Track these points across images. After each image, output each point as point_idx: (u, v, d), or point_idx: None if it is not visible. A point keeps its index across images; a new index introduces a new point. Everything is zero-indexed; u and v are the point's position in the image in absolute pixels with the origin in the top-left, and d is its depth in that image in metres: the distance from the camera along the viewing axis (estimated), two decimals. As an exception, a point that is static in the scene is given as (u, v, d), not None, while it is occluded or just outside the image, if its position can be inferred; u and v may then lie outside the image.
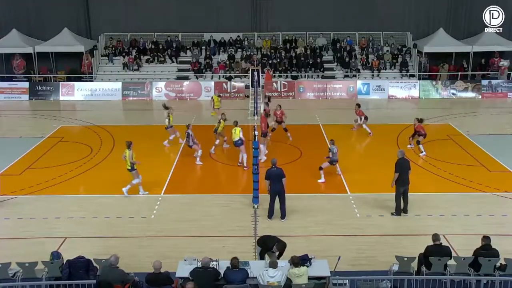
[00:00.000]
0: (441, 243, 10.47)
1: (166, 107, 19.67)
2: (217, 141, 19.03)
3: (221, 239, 12.70)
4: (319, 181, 16.16)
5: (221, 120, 18.76)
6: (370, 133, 20.95)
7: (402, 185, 13.63)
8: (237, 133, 17.22)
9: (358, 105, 21.42)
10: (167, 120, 19.43)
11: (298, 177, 16.69)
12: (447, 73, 29.63)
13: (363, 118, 21.02)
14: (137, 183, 15.31)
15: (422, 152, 18.53)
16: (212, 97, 24.41)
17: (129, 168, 15.10)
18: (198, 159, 17.87)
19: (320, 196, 15.23)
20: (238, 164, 17.66)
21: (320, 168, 16.18)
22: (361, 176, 16.57)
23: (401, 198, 13.80)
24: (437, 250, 10.30)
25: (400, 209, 13.84)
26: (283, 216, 13.62)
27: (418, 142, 18.64)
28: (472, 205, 14.50)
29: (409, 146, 19.14)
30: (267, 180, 13.40)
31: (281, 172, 13.37)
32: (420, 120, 18.78)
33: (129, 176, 15.27)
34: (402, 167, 13.58)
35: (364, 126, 21.09)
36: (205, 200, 15.02)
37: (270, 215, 13.65)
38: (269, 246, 10.69)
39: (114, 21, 31.03)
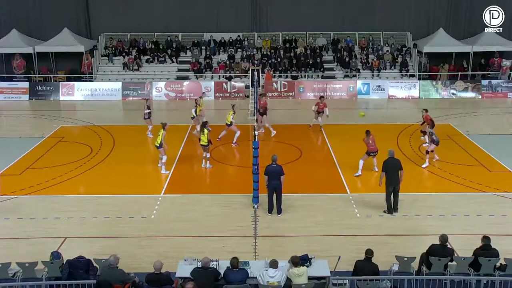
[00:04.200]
0: (446, 245, 10.47)
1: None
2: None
3: (221, 239, 12.70)
4: (423, 166, 17.27)
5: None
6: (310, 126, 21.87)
7: (390, 185, 13.71)
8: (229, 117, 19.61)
9: (322, 97, 21.93)
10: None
11: (298, 177, 16.70)
12: (447, 73, 29.65)
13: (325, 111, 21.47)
14: (165, 160, 16.92)
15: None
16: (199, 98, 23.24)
17: (157, 145, 16.67)
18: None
19: (320, 196, 15.21)
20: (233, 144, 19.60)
21: (427, 152, 17.38)
22: (361, 176, 16.55)
23: (391, 197, 13.87)
24: (440, 250, 10.32)
25: (391, 208, 13.92)
26: (279, 211, 13.82)
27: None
28: (472, 205, 14.50)
29: (423, 139, 19.78)
30: (266, 176, 13.61)
31: (280, 169, 13.58)
32: (426, 110, 19.52)
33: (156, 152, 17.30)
34: (388, 166, 13.69)
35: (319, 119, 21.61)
36: (205, 200, 15.02)
37: (270, 209, 13.87)
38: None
39: (114, 21, 31.01)
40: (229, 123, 19.58)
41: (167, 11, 30.95)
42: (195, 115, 20.68)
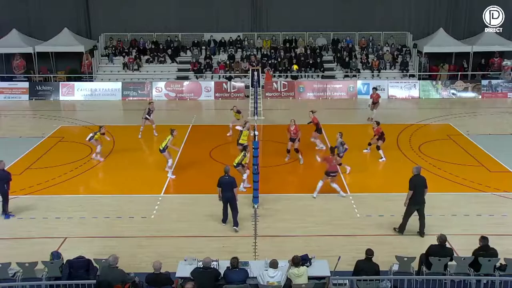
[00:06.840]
0: (445, 245, 10.47)
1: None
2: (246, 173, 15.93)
3: (221, 239, 12.70)
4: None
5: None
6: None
7: (414, 204, 12.55)
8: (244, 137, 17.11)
9: (375, 89, 23.37)
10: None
11: (298, 177, 16.71)
12: (447, 73, 29.66)
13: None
14: (170, 164, 16.70)
15: (382, 158, 17.99)
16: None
17: (161, 149, 16.49)
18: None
19: (320, 196, 15.21)
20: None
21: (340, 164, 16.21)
22: (361, 176, 16.56)
23: (409, 218, 12.77)
24: (440, 251, 10.32)
25: (404, 228, 12.79)
26: (235, 223, 13.20)
27: (378, 148, 18.08)
28: (472, 205, 14.51)
29: (365, 150, 18.69)
30: (219, 188, 13.10)
31: (233, 181, 13.06)
32: (378, 123, 18.19)
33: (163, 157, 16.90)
34: (416, 184, 12.51)
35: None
36: (205, 200, 14.99)
37: (224, 219, 13.41)
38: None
39: (114, 21, 31.04)
40: (244, 143, 17.04)
41: (167, 11, 30.96)
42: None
